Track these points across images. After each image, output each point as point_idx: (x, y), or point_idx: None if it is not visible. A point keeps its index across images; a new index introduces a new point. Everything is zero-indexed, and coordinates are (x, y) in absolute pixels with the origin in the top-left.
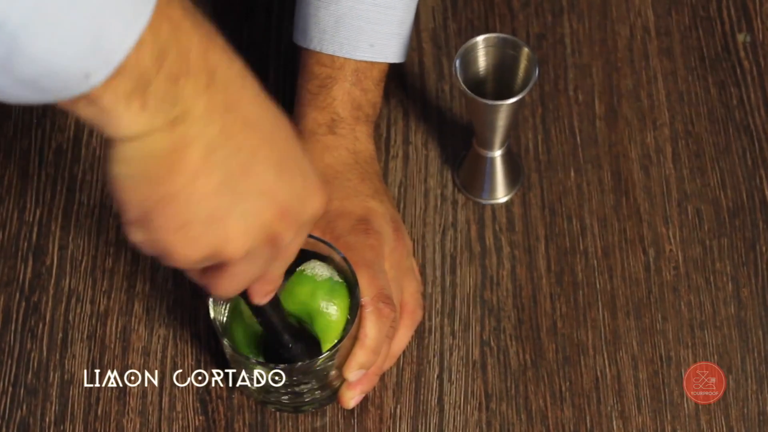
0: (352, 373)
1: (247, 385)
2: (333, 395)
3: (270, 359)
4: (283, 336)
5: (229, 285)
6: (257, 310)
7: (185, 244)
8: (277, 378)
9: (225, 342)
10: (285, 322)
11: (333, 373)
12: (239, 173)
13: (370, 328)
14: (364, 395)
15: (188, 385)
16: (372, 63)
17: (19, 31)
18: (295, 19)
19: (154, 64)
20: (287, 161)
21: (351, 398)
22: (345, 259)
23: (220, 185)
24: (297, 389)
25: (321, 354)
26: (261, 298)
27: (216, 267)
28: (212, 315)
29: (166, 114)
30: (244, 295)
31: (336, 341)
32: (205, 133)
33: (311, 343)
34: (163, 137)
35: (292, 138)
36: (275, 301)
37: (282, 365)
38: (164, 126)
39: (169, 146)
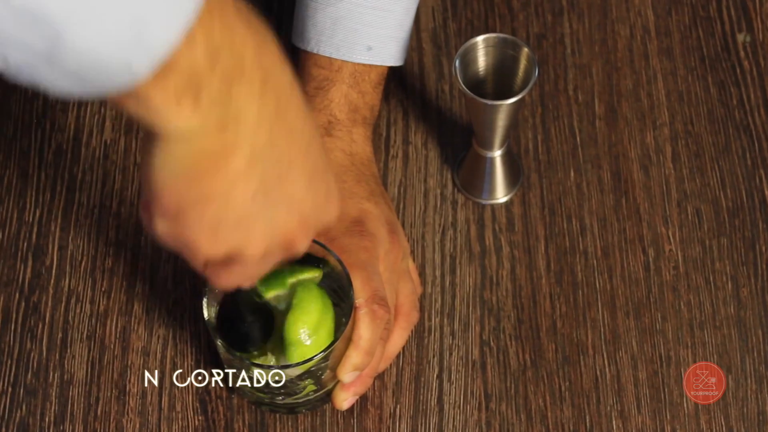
0: (346, 374)
1: (242, 387)
2: (327, 396)
3: (226, 335)
4: (244, 312)
5: (234, 280)
6: (234, 292)
7: (211, 243)
8: (277, 378)
9: (219, 343)
10: (251, 298)
11: (327, 374)
12: (275, 182)
13: (364, 329)
14: (357, 397)
15: (188, 385)
16: (370, 66)
17: (61, 23)
18: (294, 20)
19: (208, 63)
20: (317, 173)
21: (344, 400)
22: (340, 260)
23: (257, 192)
24: (292, 390)
25: (270, 334)
26: (248, 283)
27: (225, 262)
28: (206, 316)
29: (218, 116)
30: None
31: (314, 355)
32: (254, 139)
33: (267, 321)
34: (213, 139)
35: (323, 150)
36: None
37: (279, 365)
38: (215, 127)
39: (217, 148)
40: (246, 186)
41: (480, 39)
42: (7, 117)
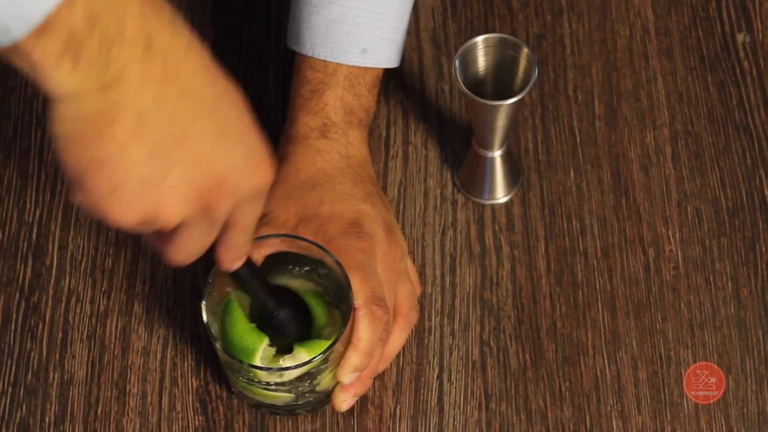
0: (345, 375)
1: (241, 389)
2: (327, 398)
3: (264, 329)
4: (268, 302)
5: (178, 252)
6: (236, 278)
7: (119, 209)
8: (277, 379)
9: (218, 346)
10: (267, 287)
11: (326, 375)
12: (172, 142)
13: (363, 330)
14: (357, 398)
15: (188, 385)
16: (365, 68)
17: None
18: (289, 22)
19: (87, 26)
20: (228, 133)
21: (344, 401)
22: (338, 262)
23: (152, 153)
24: (290, 392)
25: (309, 320)
26: (228, 264)
27: (165, 235)
28: (205, 319)
29: (98, 77)
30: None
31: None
32: (139, 100)
33: (299, 309)
34: (95, 100)
35: (238, 110)
36: (252, 268)
37: (276, 367)
38: (96, 88)
39: (100, 109)
40: (138, 147)
41: (480, 39)
42: (7, 117)
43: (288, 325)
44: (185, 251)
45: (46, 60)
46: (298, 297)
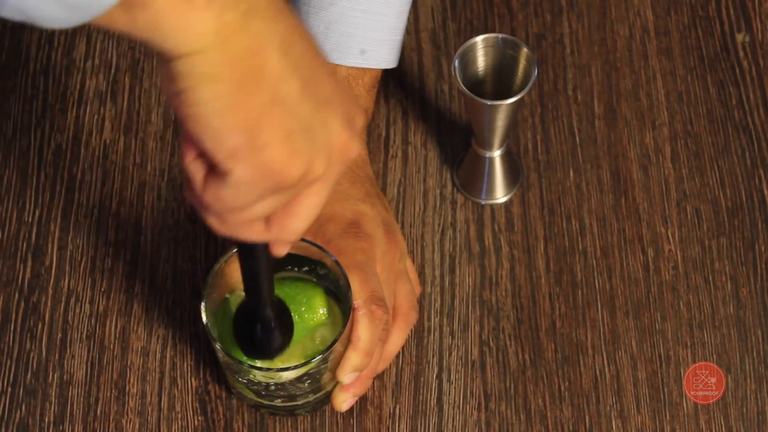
0: (345, 375)
1: (240, 390)
2: (326, 398)
3: (243, 341)
4: (266, 307)
5: (300, 223)
6: (254, 271)
7: (291, 158)
8: (276, 380)
9: (217, 347)
10: (272, 291)
11: (326, 376)
12: (311, 78)
13: (363, 330)
14: (357, 398)
15: (187, 385)
16: (363, 69)
17: None
18: None
19: None
20: (331, 70)
21: (344, 401)
22: (337, 262)
23: (302, 91)
24: (290, 393)
25: (289, 340)
26: (287, 247)
27: (286, 206)
28: (204, 320)
29: (234, 7)
30: (256, 255)
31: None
32: (277, 30)
33: (286, 325)
34: (241, 37)
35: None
36: (273, 269)
37: (277, 368)
38: (237, 22)
39: (248, 45)
40: (291, 83)
41: (479, 39)
42: (6, 117)
43: (273, 332)
44: (308, 216)
45: (175, 2)
46: (285, 306)
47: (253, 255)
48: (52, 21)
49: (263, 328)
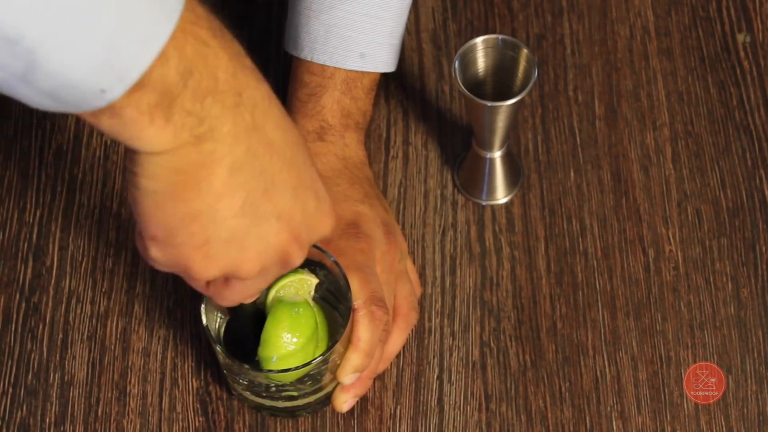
0: (346, 376)
1: (241, 392)
2: (327, 399)
3: (233, 350)
4: (251, 330)
5: (235, 297)
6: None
7: (204, 263)
8: (276, 382)
9: (218, 349)
10: (257, 315)
11: (326, 377)
12: (260, 196)
13: (363, 331)
14: (357, 399)
15: (188, 386)
16: (362, 72)
17: (36, 47)
18: (287, 27)
19: (180, 80)
20: (303, 185)
21: (344, 402)
22: (337, 263)
23: (243, 206)
24: (291, 394)
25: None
26: (249, 300)
27: (225, 281)
28: (204, 322)
29: (191, 130)
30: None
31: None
32: (232, 151)
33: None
34: (191, 152)
35: (309, 161)
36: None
37: (277, 369)
38: (190, 141)
39: (196, 161)
40: (232, 200)
41: (480, 40)
42: (7, 117)
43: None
44: (242, 297)
45: (139, 115)
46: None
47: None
48: (38, 105)
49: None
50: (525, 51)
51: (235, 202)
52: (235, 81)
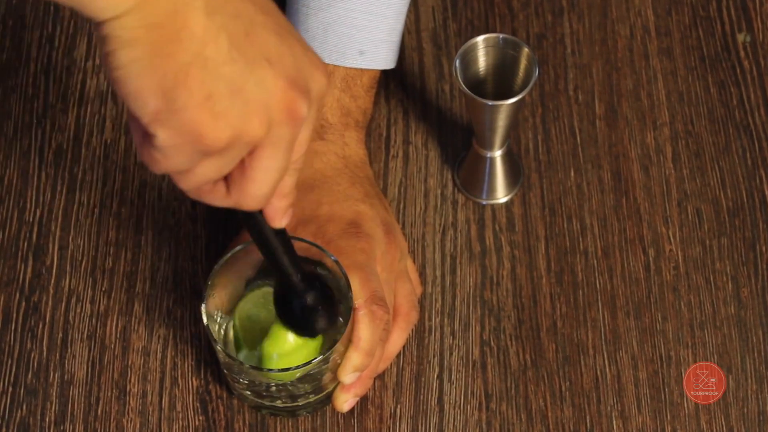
0: (346, 376)
1: (241, 391)
2: (327, 399)
3: (286, 317)
4: (296, 280)
5: (258, 182)
6: (272, 251)
7: (213, 122)
8: (277, 381)
9: (218, 348)
10: (297, 263)
11: (327, 376)
12: (244, 38)
13: (364, 330)
14: (358, 398)
15: (188, 385)
16: (362, 70)
17: None
18: None
19: None
20: (284, 29)
21: (345, 401)
22: (337, 262)
23: (230, 51)
24: (291, 393)
25: (336, 309)
26: (280, 217)
27: (241, 169)
28: (205, 321)
29: None
30: (259, 227)
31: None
32: None
33: (326, 296)
34: (161, 1)
35: (281, 12)
36: (286, 239)
37: (277, 368)
38: None
39: (168, 9)
40: (216, 44)
41: (480, 39)
42: (7, 117)
43: (314, 311)
44: (266, 180)
45: None
46: (323, 282)
47: (255, 228)
48: None
49: (299, 302)
50: (526, 50)
51: (221, 45)
52: None
